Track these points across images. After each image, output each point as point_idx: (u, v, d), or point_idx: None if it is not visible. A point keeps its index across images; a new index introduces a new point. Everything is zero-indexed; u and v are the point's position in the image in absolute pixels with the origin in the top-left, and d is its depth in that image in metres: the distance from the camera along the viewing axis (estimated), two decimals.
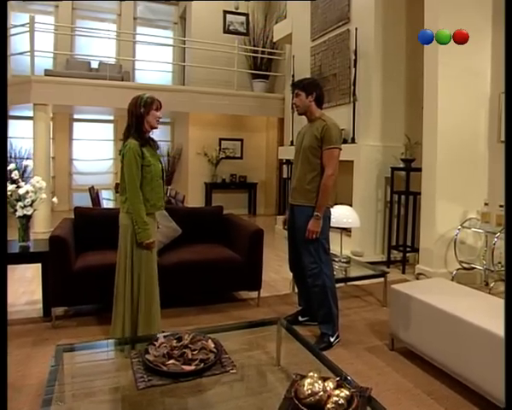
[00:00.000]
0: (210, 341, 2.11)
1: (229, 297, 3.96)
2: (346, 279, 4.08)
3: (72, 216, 3.92)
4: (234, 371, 1.99)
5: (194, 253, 3.79)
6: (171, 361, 1.92)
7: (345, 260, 4.09)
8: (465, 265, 4.53)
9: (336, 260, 4.08)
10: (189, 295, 3.79)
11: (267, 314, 3.61)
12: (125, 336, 2.66)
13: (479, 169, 4.68)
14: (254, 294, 3.89)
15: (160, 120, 2.82)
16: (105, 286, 3.07)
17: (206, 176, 9.15)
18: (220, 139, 9.26)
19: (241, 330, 2.67)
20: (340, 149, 3.03)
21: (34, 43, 7.03)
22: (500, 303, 2.66)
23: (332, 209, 3.25)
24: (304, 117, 3.20)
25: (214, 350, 2.04)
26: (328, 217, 3.08)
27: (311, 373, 1.72)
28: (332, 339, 3.02)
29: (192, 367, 1.90)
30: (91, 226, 3.78)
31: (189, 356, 1.95)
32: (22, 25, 7.31)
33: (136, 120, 2.70)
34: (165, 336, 2.15)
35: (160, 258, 3.49)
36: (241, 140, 9.53)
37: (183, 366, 1.91)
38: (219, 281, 3.75)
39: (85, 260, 3.45)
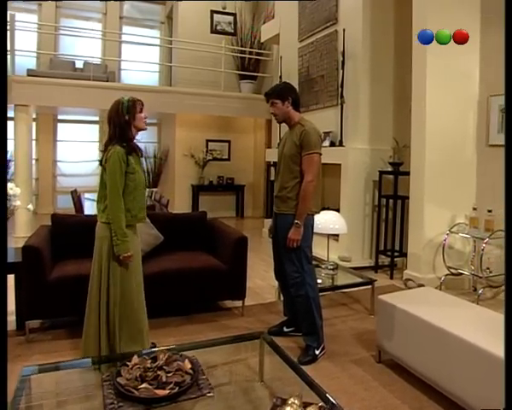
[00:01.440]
0: (187, 361, 2.00)
1: (213, 306, 3.84)
2: (333, 288, 3.98)
3: None
4: (211, 394, 1.88)
5: (177, 261, 3.66)
6: (144, 385, 1.80)
7: (332, 267, 3.99)
8: (453, 270, 4.47)
9: (323, 266, 3.99)
10: (171, 305, 3.66)
11: (252, 324, 3.52)
12: (99, 354, 2.52)
13: (467, 173, 4.61)
14: (239, 302, 3.78)
15: (147, 120, 2.67)
16: (83, 297, 2.94)
17: (192, 178, 9.00)
18: (207, 141, 9.12)
19: (223, 345, 2.56)
20: (320, 154, 2.93)
21: (15, 42, 6.82)
22: (488, 315, 2.60)
23: (318, 215, 3.16)
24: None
25: (190, 372, 1.92)
26: (310, 225, 2.98)
27: (292, 399, 1.62)
28: (317, 352, 2.92)
29: (166, 392, 1.79)
30: (69, 234, 3.62)
31: (164, 379, 1.83)
32: None
33: (121, 129, 2.52)
34: (139, 356, 2.03)
35: None
36: (229, 141, 9.40)
37: (157, 391, 1.79)
38: (202, 290, 3.63)
39: (62, 270, 3.30)
